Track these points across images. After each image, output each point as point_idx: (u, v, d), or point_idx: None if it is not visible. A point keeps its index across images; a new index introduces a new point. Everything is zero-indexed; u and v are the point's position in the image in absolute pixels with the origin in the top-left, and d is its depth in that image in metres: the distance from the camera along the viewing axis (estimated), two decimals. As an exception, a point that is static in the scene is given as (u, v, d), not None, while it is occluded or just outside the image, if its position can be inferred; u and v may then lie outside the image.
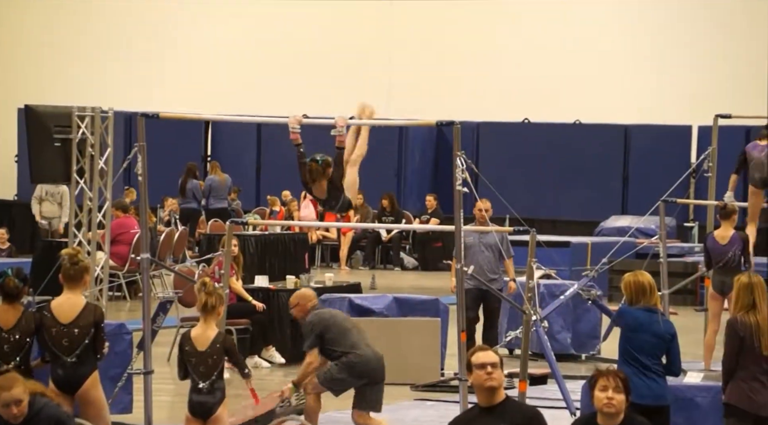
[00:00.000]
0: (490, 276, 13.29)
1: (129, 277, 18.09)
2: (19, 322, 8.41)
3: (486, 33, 26.77)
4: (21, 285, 8.46)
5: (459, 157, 9.69)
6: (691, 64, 25.54)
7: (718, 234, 12.91)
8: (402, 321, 13.14)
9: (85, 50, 28.29)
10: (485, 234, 13.36)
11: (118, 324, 10.85)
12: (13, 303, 8.48)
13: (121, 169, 11.66)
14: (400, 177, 25.90)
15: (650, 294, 8.36)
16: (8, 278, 8.42)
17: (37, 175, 14.54)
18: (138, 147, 10.01)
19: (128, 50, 28.14)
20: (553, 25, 26.36)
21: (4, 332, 8.38)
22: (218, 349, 8.62)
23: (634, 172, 24.74)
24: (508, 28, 26.64)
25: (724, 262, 12.74)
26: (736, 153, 14.19)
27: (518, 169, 24.80)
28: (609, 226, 22.18)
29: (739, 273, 8.69)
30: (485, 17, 26.80)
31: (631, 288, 8.41)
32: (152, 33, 28.08)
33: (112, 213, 15.39)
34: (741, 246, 12.74)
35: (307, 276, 15.08)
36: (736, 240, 12.78)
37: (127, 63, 28.10)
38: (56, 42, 28.38)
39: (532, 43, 26.47)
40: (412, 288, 20.16)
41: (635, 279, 8.41)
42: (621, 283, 8.58)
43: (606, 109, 25.40)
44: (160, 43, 28.02)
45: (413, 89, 26.83)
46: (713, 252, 12.85)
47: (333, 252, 24.71)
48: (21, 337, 8.40)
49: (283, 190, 24.24)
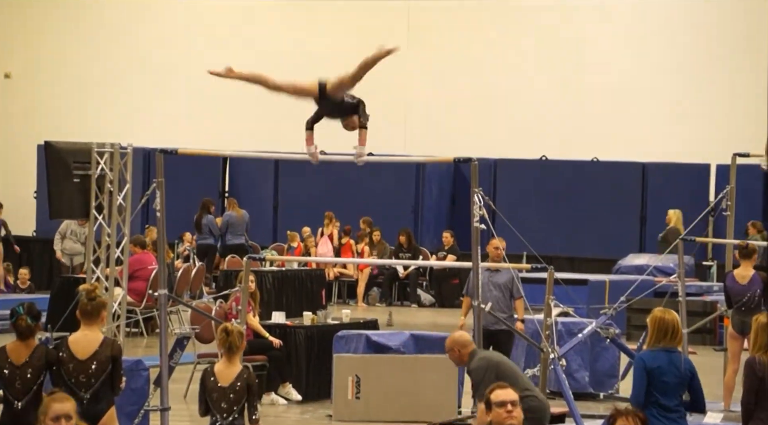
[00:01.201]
0: (500, 315, 13.15)
1: (146, 313, 18.11)
2: (31, 359, 8.41)
3: (503, 70, 26.82)
4: (33, 324, 8.46)
5: (476, 194, 9.70)
6: (709, 102, 25.53)
7: (738, 274, 12.86)
8: (419, 358, 13.10)
9: (104, 86, 28.41)
10: (495, 273, 13.18)
11: (135, 360, 10.85)
12: (26, 340, 8.49)
13: (140, 205, 11.70)
14: (417, 213, 25.90)
15: (672, 336, 8.30)
16: (20, 317, 8.42)
17: (56, 211, 14.59)
18: (156, 183, 10.04)
19: (148, 86, 28.26)
20: (571, 63, 26.39)
21: (17, 368, 8.39)
22: (241, 385, 8.60)
23: (651, 210, 24.69)
24: (525, 65, 26.68)
25: (744, 302, 12.68)
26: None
27: (536, 207, 24.77)
28: (627, 264, 22.11)
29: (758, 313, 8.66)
30: (503, 54, 26.85)
31: (656, 326, 8.36)
32: (171, 69, 28.20)
33: (129, 249, 15.41)
34: (761, 286, 12.68)
35: (324, 313, 15.05)
36: (757, 281, 12.74)
37: (146, 99, 28.22)
38: (75, 78, 28.51)
39: (550, 80, 26.50)
40: (429, 325, 20.12)
41: (662, 318, 8.35)
42: (648, 318, 8.49)
43: (623, 147, 25.37)
44: (179, 79, 28.13)
45: (430, 126, 26.86)
46: (732, 292, 12.79)
47: (350, 289, 24.69)
48: (33, 373, 8.40)
49: (300, 226, 24.27)
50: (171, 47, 28.23)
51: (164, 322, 10.22)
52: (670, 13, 25.96)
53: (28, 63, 28.68)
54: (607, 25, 26.28)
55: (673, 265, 17.16)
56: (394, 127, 26.76)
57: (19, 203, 27.30)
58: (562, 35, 26.47)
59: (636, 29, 26.16)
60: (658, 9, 26.05)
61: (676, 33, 25.90)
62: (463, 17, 27.10)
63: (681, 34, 25.87)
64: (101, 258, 14.46)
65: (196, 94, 28.02)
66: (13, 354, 8.41)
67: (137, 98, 28.26)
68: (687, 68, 25.80)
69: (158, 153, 10.19)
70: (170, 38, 28.25)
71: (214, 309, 14.24)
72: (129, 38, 28.39)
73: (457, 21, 27.10)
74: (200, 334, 14.00)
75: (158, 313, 10.19)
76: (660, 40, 26.00)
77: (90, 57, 28.45)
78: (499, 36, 26.89)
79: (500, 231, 11.77)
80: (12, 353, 8.42)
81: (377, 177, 25.21)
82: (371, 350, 12.93)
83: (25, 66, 28.69)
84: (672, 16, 25.95)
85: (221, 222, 24.18)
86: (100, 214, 14.18)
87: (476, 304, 10.02)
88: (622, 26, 26.24)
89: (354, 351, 13.20)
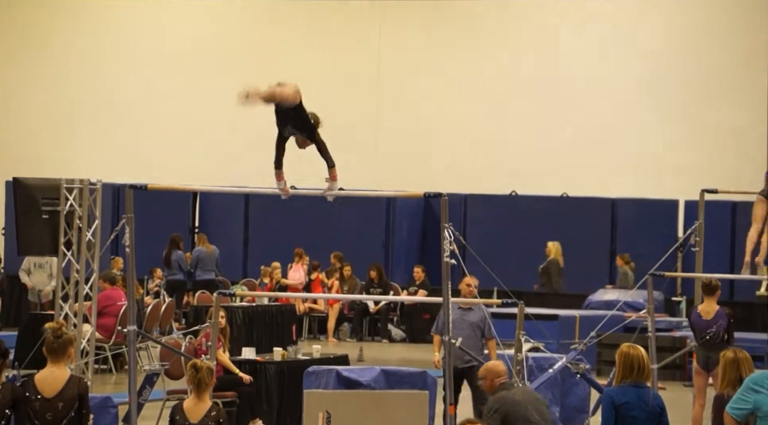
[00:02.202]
0: (471, 353, 13.06)
1: (115, 350, 18.01)
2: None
3: (474, 106, 26.92)
4: (0, 362, 8.40)
5: (447, 229, 9.71)
6: (677, 138, 25.68)
7: (702, 309, 12.96)
8: (390, 393, 13.06)
9: (73, 122, 28.36)
10: (468, 311, 13.10)
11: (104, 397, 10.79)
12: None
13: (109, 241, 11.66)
14: (387, 248, 25.90)
15: (639, 371, 8.30)
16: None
17: (25, 247, 14.53)
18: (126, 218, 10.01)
19: (117, 122, 28.22)
20: (542, 100, 26.52)
21: (-19, 405, 8.32)
22: (211, 422, 8.55)
23: (621, 245, 24.77)
24: (496, 100, 26.80)
25: (709, 337, 12.76)
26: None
27: (506, 242, 24.82)
28: (597, 300, 22.16)
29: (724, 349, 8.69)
30: (473, 91, 26.97)
31: (623, 361, 8.37)
32: (140, 105, 28.18)
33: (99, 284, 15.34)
34: (725, 322, 12.76)
35: (295, 348, 15.01)
36: (721, 316, 12.82)
37: (115, 135, 28.17)
38: (43, 114, 28.45)
39: (520, 116, 26.61)
40: (400, 360, 20.09)
41: (628, 353, 8.36)
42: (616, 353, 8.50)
43: (593, 183, 25.48)
44: (149, 115, 28.12)
45: (400, 161, 26.91)
46: (697, 327, 12.87)
47: (321, 324, 24.64)
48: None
49: (270, 261, 24.22)
50: (140, 83, 28.21)
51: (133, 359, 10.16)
52: (641, 51, 26.14)
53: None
54: (578, 63, 26.44)
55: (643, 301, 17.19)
56: (364, 162, 26.80)
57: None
58: (534, 72, 26.61)
59: (606, 66, 26.32)
60: (629, 48, 26.23)
61: (646, 69, 26.08)
62: (433, 51, 27.21)
63: (651, 70, 26.05)
64: (70, 294, 14.38)
65: (165, 130, 28.00)
66: (-22, 392, 8.35)
67: (106, 134, 28.21)
68: (657, 105, 25.96)
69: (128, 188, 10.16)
70: (140, 74, 28.24)
71: (183, 345, 14.17)
72: (98, 74, 28.36)
73: (427, 56, 27.21)
74: (170, 371, 13.92)
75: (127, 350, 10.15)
76: (630, 77, 26.16)
77: (59, 92, 28.41)
78: (469, 71, 27.00)
79: (471, 267, 11.78)
80: (-22, 390, 8.35)
81: (348, 212, 25.22)
82: (342, 385, 12.90)
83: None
84: (642, 54, 26.12)
85: (191, 258, 24.12)
86: (69, 250, 14.13)
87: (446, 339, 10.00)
88: (593, 63, 26.41)
89: (324, 386, 13.16)
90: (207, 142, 27.86)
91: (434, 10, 27.33)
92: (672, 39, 26.01)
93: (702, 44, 25.81)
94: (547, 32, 26.67)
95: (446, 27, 27.24)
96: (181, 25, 28.38)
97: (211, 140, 27.89)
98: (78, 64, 28.37)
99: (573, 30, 26.56)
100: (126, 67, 28.31)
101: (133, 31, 28.42)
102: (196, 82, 28.10)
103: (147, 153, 27.76)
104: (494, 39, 26.96)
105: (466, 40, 27.10)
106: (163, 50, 28.29)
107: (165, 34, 28.36)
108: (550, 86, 26.45)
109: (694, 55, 25.79)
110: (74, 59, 28.40)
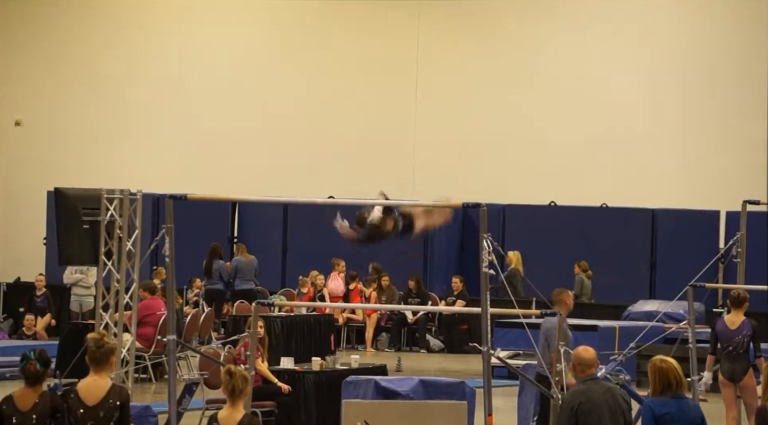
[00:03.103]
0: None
1: (155, 359, 18.08)
2: (36, 405, 8.41)
3: (512, 116, 26.87)
4: (42, 370, 8.47)
5: (485, 239, 9.69)
6: (719, 148, 25.54)
7: (729, 319, 12.99)
8: (428, 404, 13.05)
9: (114, 133, 28.51)
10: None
11: (144, 406, 10.83)
12: (34, 386, 8.49)
13: (149, 251, 11.72)
14: (426, 258, 25.87)
15: (677, 384, 8.24)
16: (30, 362, 8.43)
17: (66, 257, 14.62)
18: (165, 229, 10.06)
19: (157, 132, 28.36)
20: (582, 109, 26.43)
21: (22, 415, 8.39)
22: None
23: (661, 256, 24.65)
24: (535, 110, 26.73)
25: (732, 347, 12.76)
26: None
27: (544, 252, 24.74)
28: (636, 310, 22.06)
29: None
30: (512, 100, 26.92)
31: (656, 376, 8.31)
32: (180, 116, 28.30)
33: (139, 294, 15.40)
34: (750, 332, 12.80)
35: (333, 358, 15.02)
36: (746, 326, 12.84)
37: (155, 145, 28.30)
38: (84, 125, 28.62)
39: (560, 127, 26.54)
40: (438, 370, 20.06)
41: (660, 367, 8.28)
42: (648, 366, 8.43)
43: (633, 193, 25.36)
44: (189, 125, 28.23)
45: (438, 171, 26.89)
46: (722, 337, 12.90)
47: (359, 334, 24.64)
48: (37, 420, 8.39)
49: (309, 271, 24.26)
50: (181, 94, 28.33)
51: (173, 368, 10.20)
52: (683, 59, 26.01)
53: (38, 110, 28.79)
54: (618, 72, 26.34)
55: (683, 312, 17.12)
56: (402, 172, 26.79)
57: (29, 250, 27.34)
58: (573, 82, 26.53)
59: (647, 76, 26.21)
60: (671, 56, 26.11)
61: (689, 79, 25.95)
62: (472, 62, 27.18)
63: (694, 80, 25.92)
64: (110, 304, 14.46)
65: (205, 141, 28.10)
66: (20, 401, 8.42)
67: (146, 144, 28.35)
68: (697, 114, 25.84)
69: (168, 198, 10.20)
70: (180, 84, 28.36)
71: (222, 354, 14.21)
72: (138, 84, 28.51)
73: (466, 65, 27.19)
74: (209, 380, 13.96)
75: (167, 359, 10.18)
76: (671, 86, 26.05)
77: (99, 104, 28.57)
78: (509, 81, 26.96)
79: (509, 277, 11.75)
80: (18, 399, 8.43)
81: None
82: (380, 395, 12.89)
83: (35, 113, 28.81)
84: (685, 62, 26.00)
85: (230, 268, 24.19)
86: (110, 260, 14.20)
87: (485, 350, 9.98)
88: (633, 73, 26.30)
89: (363, 396, 13.16)
90: (246, 152, 27.94)
91: (472, 19, 27.31)
92: (715, 48, 25.86)
93: (744, 52, 25.66)
94: (588, 45, 26.59)
95: (485, 37, 27.21)
96: (222, 36, 28.48)
97: (251, 150, 27.97)
98: (119, 75, 28.53)
99: (612, 38, 26.48)
100: (167, 77, 28.43)
101: (174, 42, 28.55)
102: (236, 92, 28.19)
103: (187, 163, 27.87)
104: (534, 48, 26.90)
105: (505, 50, 27.06)
106: (204, 61, 28.40)
107: (206, 44, 28.47)
108: (590, 95, 26.36)
109: (738, 65, 25.64)
110: (115, 70, 28.56)
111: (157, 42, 28.65)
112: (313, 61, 27.90)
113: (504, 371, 18.21)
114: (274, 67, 28.02)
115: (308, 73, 27.82)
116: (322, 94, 27.69)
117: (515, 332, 18.80)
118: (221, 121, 28.15)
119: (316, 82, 27.86)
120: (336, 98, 27.67)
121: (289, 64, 28.00)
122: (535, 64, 26.87)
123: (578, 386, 8.71)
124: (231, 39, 28.44)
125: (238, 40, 28.42)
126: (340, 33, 27.94)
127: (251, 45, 28.35)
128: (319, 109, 27.78)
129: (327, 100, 27.75)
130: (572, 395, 8.63)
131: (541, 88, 26.73)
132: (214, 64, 28.34)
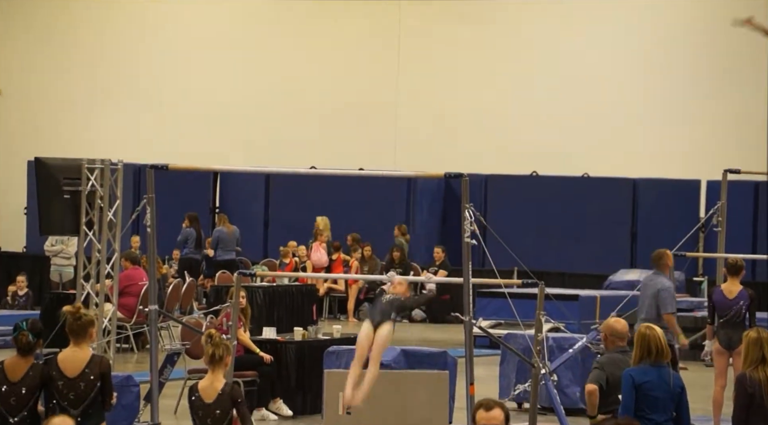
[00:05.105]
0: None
1: (137, 329, 18.08)
2: (26, 376, 8.42)
3: (494, 87, 26.86)
4: (34, 340, 8.49)
5: (467, 210, 9.70)
6: (699, 118, 25.58)
7: (726, 288, 12.95)
8: (410, 373, 13.09)
9: (95, 103, 28.42)
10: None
11: (126, 376, 10.84)
12: (26, 356, 8.50)
13: (130, 221, 11.70)
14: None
15: (658, 352, 8.28)
16: (22, 333, 8.44)
17: (47, 227, 14.58)
18: (147, 199, 10.04)
19: (138, 102, 28.27)
20: (562, 79, 26.43)
21: (13, 384, 8.39)
22: (226, 401, 8.58)
23: (642, 226, 24.72)
24: (517, 81, 26.72)
25: (730, 316, 12.77)
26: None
27: (526, 222, 24.78)
28: (618, 280, 22.13)
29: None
30: (494, 71, 26.90)
31: (639, 343, 8.35)
32: (161, 87, 28.21)
33: (122, 264, 15.39)
34: (747, 302, 12.79)
35: (315, 328, 15.04)
36: (744, 296, 12.82)
37: (136, 115, 28.22)
38: (65, 95, 28.51)
39: (541, 96, 26.53)
40: (420, 340, 20.10)
41: (645, 333, 8.34)
42: (635, 334, 8.47)
43: (614, 163, 25.40)
44: (170, 95, 28.14)
45: (420, 141, 26.88)
46: (719, 306, 12.87)
47: (341, 304, 24.67)
48: (27, 391, 8.40)
49: (289, 241, 24.26)
50: (161, 63, 28.24)
51: (155, 338, 10.21)
52: (663, 31, 26.01)
53: (19, 80, 28.66)
54: (598, 42, 26.34)
55: (664, 281, 17.14)
56: (384, 143, 26.78)
57: (10, 219, 27.27)
58: (554, 52, 26.52)
59: (628, 46, 26.21)
60: (651, 27, 26.10)
61: (669, 51, 25.95)
62: (454, 33, 27.14)
63: (673, 52, 25.93)
64: (91, 274, 14.44)
65: (186, 110, 28.02)
66: (10, 370, 8.44)
67: (127, 114, 28.26)
68: (678, 84, 25.85)
69: (149, 169, 10.18)
70: (161, 56, 28.26)
71: (204, 324, 14.21)
72: (119, 54, 28.39)
73: (448, 37, 27.15)
74: (191, 350, 13.96)
75: (149, 329, 10.19)
76: (652, 57, 26.05)
77: (80, 73, 28.45)
78: (490, 52, 26.93)
79: (491, 247, 11.78)
80: (9, 369, 8.45)
81: (368, 193, 25.22)
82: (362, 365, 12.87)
83: (17, 83, 28.67)
84: (665, 34, 25.99)
85: (212, 238, 24.17)
86: (90, 230, 14.17)
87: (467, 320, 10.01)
88: (613, 43, 26.30)
89: (345, 366, 13.17)
90: (228, 123, 27.88)
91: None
92: (698, 16, 25.84)
93: (723, 25, 25.67)
94: (569, 13, 26.56)
95: (467, 9, 27.16)
96: (203, 8, 28.37)
97: (232, 121, 27.91)
98: (100, 46, 28.41)
99: (592, 11, 26.46)
100: (148, 49, 28.33)
101: (155, 14, 28.43)
102: (218, 64, 28.11)
103: (168, 133, 27.80)
104: (514, 21, 26.86)
105: (487, 22, 27.02)
106: (185, 33, 28.29)
107: (187, 17, 28.36)
108: (570, 66, 26.35)
109: (719, 34, 25.64)
110: (96, 40, 28.43)
111: (140, 12, 28.52)
112: (294, 32, 27.81)
113: (486, 341, 18.27)
114: (255, 38, 27.93)
115: (289, 44, 27.74)
116: (304, 65, 27.61)
117: (498, 302, 18.85)
118: (203, 92, 28.06)
119: (297, 53, 27.79)
120: (317, 70, 27.60)
121: (270, 35, 27.92)
122: (517, 35, 26.83)
123: (612, 356, 8.90)
124: (211, 9, 28.34)
125: (219, 10, 28.32)
126: (322, 4, 27.85)
127: (231, 15, 28.25)
128: (300, 80, 27.72)
129: (308, 72, 27.68)
130: (607, 364, 8.87)
131: (522, 60, 26.71)
132: (194, 34, 28.23)
